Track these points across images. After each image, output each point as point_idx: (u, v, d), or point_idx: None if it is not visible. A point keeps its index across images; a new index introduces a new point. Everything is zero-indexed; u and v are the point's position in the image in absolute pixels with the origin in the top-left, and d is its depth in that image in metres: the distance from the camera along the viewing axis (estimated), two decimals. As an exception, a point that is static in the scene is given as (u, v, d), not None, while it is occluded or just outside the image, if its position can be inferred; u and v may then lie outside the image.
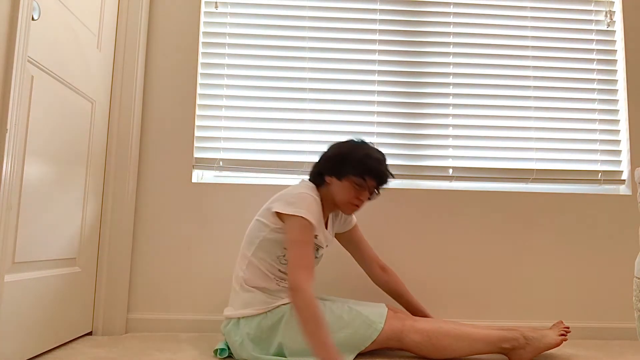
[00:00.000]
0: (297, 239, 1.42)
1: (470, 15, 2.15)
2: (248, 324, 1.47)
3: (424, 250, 1.99)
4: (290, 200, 1.48)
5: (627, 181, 2.10)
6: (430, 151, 2.08)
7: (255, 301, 1.48)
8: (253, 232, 1.55)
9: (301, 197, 1.48)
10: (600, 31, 2.18)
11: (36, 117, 1.39)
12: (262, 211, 1.57)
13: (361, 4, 2.12)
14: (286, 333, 1.44)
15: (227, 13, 2.09)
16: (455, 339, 1.50)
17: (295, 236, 1.43)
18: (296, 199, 1.47)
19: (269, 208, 1.53)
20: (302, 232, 1.43)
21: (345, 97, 2.08)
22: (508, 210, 2.04)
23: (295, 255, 1.40)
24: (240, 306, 1.50)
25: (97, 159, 1.80)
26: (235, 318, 1.49)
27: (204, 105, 2.04)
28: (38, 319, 1.44)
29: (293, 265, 1.38)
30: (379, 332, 1.46)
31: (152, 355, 1.52)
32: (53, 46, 1.46)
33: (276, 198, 1.55)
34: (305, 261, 1.39)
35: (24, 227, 1.35)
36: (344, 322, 1.46)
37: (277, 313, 1.46)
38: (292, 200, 1.47)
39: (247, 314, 1.47)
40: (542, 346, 1.52)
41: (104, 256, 1.83)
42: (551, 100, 2.13)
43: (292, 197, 1.49)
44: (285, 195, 1.52)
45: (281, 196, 1.54)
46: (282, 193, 1.56)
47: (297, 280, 1.34)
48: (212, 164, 2.00)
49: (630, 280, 2.01)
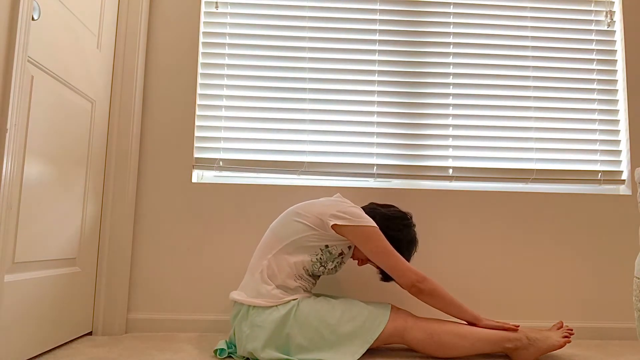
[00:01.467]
0: (383, 245, 1.53)
1: (470, 15, 2.16)
2: (258, 315, 1.47)
3: (423, 250, 1.99)
4: (349, 212, 1.55)
5: (627, 181, 2.10)
6: (430, 151, 2.08)
7: (269, 294, 1.49)
8: (288, 230, 1.57)
9: (356, 210, 1.57)
10: (600, 31, 2.18)
11: (36, 117, 1.39)
12: (307, 216, 1.57)
13: (361, 4, 2.12)
14: (294, 325, 1.44)
15: (227, 13, 2.09)
16: (457, 337, 1.50)
17: (380, 244, 1.53)
18: (354, 212, 1.56)
19: (323, 220, 1.54)
20: (381, 238, 1.54)
21: (345, 97, 2.08)
22: (508, 210, 2.04)
23: (394, 260, 1.53)
24: (252, 295, 1.51)
25: (97, 159, 1.80)
26: (245, 307, 1.49)
27: (204, 105, 2.04)
28: (38, 319, 1.44)
29: (399, 266, 1.52)
30: (385, 324, 1.48)
31: (152, 355, 1.52)
32: (53, 46, 1.46)
33: (326, 209, 1.57)
34: (402, 259, 1.53)
35: (24, 227, 1.35)
36: (350, 315, 1.48)
37: (287, 306, 1.47)
38: (351, 212, 1.55)
39: (257, 303, 1.48)
40: (545, 347, 1.51)
41: (104, 256, 1.83)
42: (551, 100, 2.13)
43: (346, 208, 1.56)
44: (336, 206, 1.57)
45: (330, 206, 1.58)
46: (328, 203, 1.60)
47: (416, 274, 1.51)
48: (212, 164, 2.00)
49: (630, 280, 2.01)
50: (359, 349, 1.44)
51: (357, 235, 1.54)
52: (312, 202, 1.63)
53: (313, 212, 1.57)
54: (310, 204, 1.62)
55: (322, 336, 1.44)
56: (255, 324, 1.46)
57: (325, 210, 1.57)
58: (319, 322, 1.45)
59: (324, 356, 1.42)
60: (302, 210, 1.59)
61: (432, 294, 1.52)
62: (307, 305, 1.48)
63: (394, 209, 1.69)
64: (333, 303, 1.52)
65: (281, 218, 1.63)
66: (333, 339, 1.44)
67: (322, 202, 1.62)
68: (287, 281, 1.51)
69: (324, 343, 1.44)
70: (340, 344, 1.44)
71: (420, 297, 1.53)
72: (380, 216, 1.63)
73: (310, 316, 1.45)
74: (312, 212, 1.58)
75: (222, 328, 1.87)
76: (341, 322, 1.46)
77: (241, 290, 1.56)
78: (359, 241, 1.54)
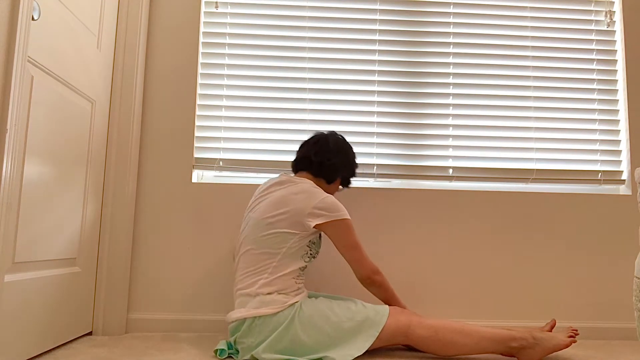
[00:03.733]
0: (354, 240, 1.57)
1: (470, 15, 2.15)
2: (265, 323, 1.45)
3: (423, 250, 1.99)
4: (326, 206, 1.53)
5: (627, 181, 2.10)
6: (430, 151, 2.08)
7: (273, 301, 1.48)
8: (273, 244, 1.51)
9: (331, 200, 1.56)
10: (600, 31, 2.18)
11: (36, 117, 1.39)
12: (282, 220, 1.51)
13: (361, 4, 2.12)
14: (299, 327, 1.44)
15: (227, 13, 2.09)
16: (462, 335, 1.50)
17: (352, 238, 1.57)
18: (330, 204, 1.54)
19: (302, 221, 1.50)
20: (353, 232, 1.57)
21: (345, 97, 2.08)
22: (508, 210, 2.04)
23: (359, 253, 1.58)
24: (255, 306, 1.48)
25: (97, 159, 1.80)
26: (251, 318, 1.47)
27: (204, 105, 2.04)
28: (38, 319, 1.44)
29: (362, 260, 1.58)
30: (387, 317, 1.49)
31: (152, 355, 1.52)
32: (53, 46, 1.46)
33: (300, 207, 1.51)
34: (365, 253, 1.59)
35: (24, 227, 1.35)
36: (352, 313, 1.49)
37: (291, 310, 1.47)
38: (327, 206, 1.54)
39: (263, 313, 1.45)
40: (551, 347, 1.50)
41: (104, 256, 1.83)
42: (551, 100, 2.13)
43: (322, 202, 1.53)
44: (310, 201, 1.52)
45: (303, 202, 1.52)
46: (299, 199, 1.53)
47: (372, 267, 1.59)
48: (212, 164, 2.00)
49: (630, 280, 2.01)
50: (365, 343, 1.45)
51: (335, 229, 1.55)
52: (275, 202, 1.54)
53: (287, 215, 1.51)
54: (275, 204, 1.54)
55: (328, 334, 1.44)
56: (263, 334, 1.45)
57: (300, 208, 1.51)
58: (323, 321, 1.45)
59: (331, 354, 1.42)
60: (272, 218, 1.52)
61: (382, 286, 1.61)
62: (309, 306, 1.49)
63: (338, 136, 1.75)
64: (333, 302, 1.53)
65: (253, 233, 1.55)
66: (339, 335, 1.45)
67: (289, 199, 1.53)
68: (289, 285, 1.51)
69: (330, 341, 1.44)
70: (346, 340, 1.45)
71: (371, 288, 1.61)
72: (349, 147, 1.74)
73: (314, 316, 1.46)
74: (286, 214, 1.51)
75: (222, 328, 1.87)
76: (344, 319, 1.47)
77: (241, 307, 1.51)
78: (336, 235, 1.56)
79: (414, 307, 1.78)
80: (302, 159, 1.69)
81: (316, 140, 1.71)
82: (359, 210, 1.98)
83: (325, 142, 1.69)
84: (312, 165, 1.67)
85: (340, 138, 1.74)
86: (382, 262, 1.96)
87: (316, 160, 1.66)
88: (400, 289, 1.66)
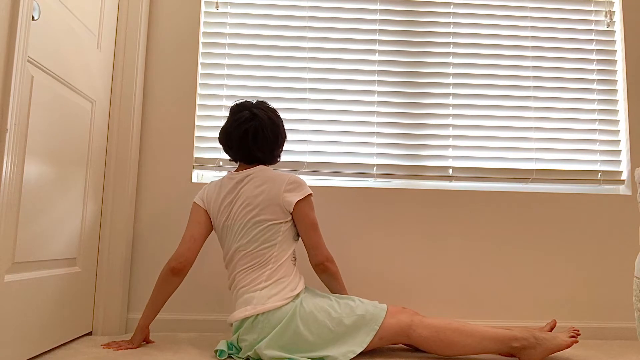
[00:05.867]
0: (314, 217, 1.60)
1: (470, 15, 2.16)
2: (268, 318, 1.45)
3: (423, 250, 2.00)
4: (296, 185, 1.58)
5: (626, 181, 2.10)
6: (430, 151, 2.08)
7: (278, 292, 1.49)
8: (268, 237, 1.55)
9: (295, 177, 1.60)
10: (600, 31, 2.18)
11: (36, 117, 1.39)
12: (266, 211, 1.55)
13: (361, 4, 2.12)
14: (300, 322, 1.45)
15: (227, 13, 2.09)
16: (463, 335, 1.49)
17: (314, 216, 1.60)
18: (297, 181, 1.59)
19: (280, 203, 1.56)
20: (313, 209, 1.61)
21: (345, 97, 2.08)
22: (508, 210, 2.04)
23: (319, 236, 1.60)
24: (262, 302, 1.48)
25: (97, 159, 1.80)
26: (251, 318, 1.47)
27: (204, 105, 2.04)
28: (38, 319, 1.44)
29: (320, 244, 1.59)
30: (385, 310, 1.49)
31: (152, 355, 1.51)
32: (53, 46, 1.46)
33: (273, 194, 1.56)
34: (321, 237, 1.61)
35: (24, 227, 1.35)
36: (351, 308, 1.50)
37: (292, 305, 1.47)
38: (297, 185, 1.58)
39: (269, 308, 1.46)
40: (553, 347, 1.50)
41: (104, 256, 1.83)
42: (551, 100, 2.13)
43: (292, 182, 1.58)
44: (280, 186, 1.57)
45: (274, 190, 1.56)
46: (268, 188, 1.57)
47: (328, 254, 1.60)
48: (212, 164, 2.00)
49: (630, 280, 2.01)
50: (366, 337, 1.45)
51: (306, 205, 1.59)
52: (249, 201, 1.56)
53: (266, 206, 1.55)
54: (250, 203, 1.56)
55: (329, 329, 1.45)
56: (264, 329, 1.45)
57: (275, 192, 1.56)
58: (324, 316, 1.46)
59: (332, 352, 1.42)
60: (257, 217, 1.55)
61: (334, 275, 1.61)
62: (309, 302, 1.49)
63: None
64: (332, 298, 1.54)
65: (245, 237, 1.55)
66: (340, 330, 1.45)
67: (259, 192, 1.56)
68: (290, 270, 1.56)
69: (331, 335, 1.44)
70: (348, 335, 1.45)
71: (323, 275, 1.61)
72: (280, 121, 1.70)
73: (315, 311, 1.46)
74: (266, 207, 1.55)
75: (222, 328, 1.87)
76: (344, 315, 1.47)
77: (242, 308, 1.50)
78: (304, 212, 1.58)
79: (414, 307, 1.78)
80: (247, 156, 1.65)
81: (253, 133, 1.61)
82: (359, 210, 1.99)
83: (263, 133, 1.62)
84: (259, 159, 1.66)
85: (270, 117, 1.64)
86: (382, 262, 1.97)
87: (262, 155, 1.65)
88: (400, 288, 1.66)
